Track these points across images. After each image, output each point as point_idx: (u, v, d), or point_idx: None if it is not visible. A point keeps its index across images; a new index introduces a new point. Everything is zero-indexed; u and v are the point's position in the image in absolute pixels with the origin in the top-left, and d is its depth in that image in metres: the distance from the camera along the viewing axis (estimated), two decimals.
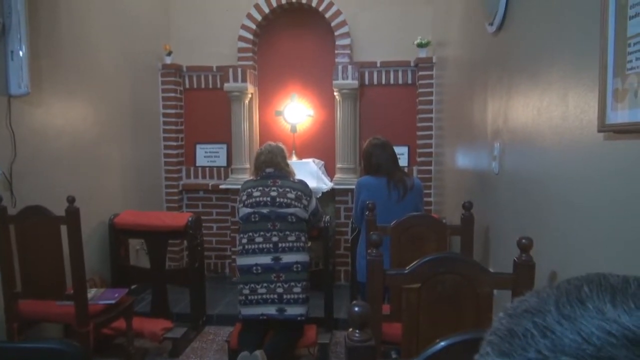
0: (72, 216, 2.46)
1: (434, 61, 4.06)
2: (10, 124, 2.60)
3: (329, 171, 4.38)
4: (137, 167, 4.04)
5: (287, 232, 2.71)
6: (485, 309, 1.42)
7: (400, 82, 4.33)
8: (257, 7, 4.27)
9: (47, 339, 2.67)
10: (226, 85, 4.24)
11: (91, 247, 3.24)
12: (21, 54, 2.55)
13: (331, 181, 4.23)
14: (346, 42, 4.24)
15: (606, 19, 1.07)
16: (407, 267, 1.44)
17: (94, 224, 3.37)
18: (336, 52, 4.26)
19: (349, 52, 4.25)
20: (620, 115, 1.05)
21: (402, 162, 4.02)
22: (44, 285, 2.54)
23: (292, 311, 2.69)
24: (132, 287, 3.45)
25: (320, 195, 3.89)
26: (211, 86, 4.51)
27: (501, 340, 0.34)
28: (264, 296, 2.69)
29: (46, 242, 2.53)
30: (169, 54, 4.37)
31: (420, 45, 4.06)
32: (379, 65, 4.30)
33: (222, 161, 4.57)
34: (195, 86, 4.54)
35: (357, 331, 0.92)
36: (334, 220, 4.13)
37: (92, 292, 2.78)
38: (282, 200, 2.72)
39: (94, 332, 2.59)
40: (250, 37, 4.32)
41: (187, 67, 4.48)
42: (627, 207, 1.07)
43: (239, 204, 2.81)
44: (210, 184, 4.51)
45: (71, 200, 2.49)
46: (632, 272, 0.36)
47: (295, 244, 2.71)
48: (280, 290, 2.68)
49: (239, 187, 2.99)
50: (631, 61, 1.00)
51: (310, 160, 4.26)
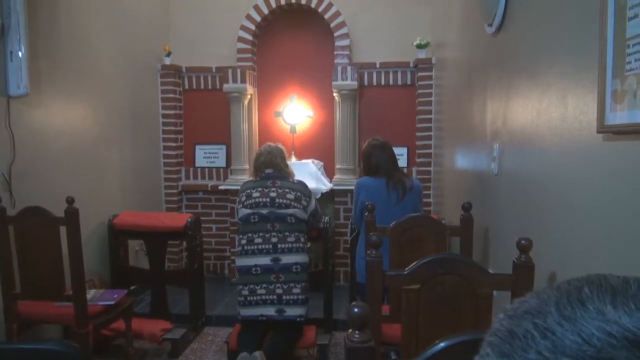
0: (72, 217, 2.46)
1: (433, 62, 4.06)
2: (9, 124, 2.60)
3: (328, 172, 4.38)
4: (137, 168, 4.03)
5: (287, 233, 2.70)
6: (484, 310, 1.42)
7: (399, 83, 4.33)
8: (257, 8, 4.27)
9: (47, 340, 2.67)
10: (225, 86, 4.24)
11: (90, 248, 3.24)
12: (20, 54, 2.55)
13: (330, 182, 4.23)
14: (345, 43, 4.24)
15: (605, 20, 1.08)
16: (406, 268, 1.44)
17: (93, 224, 3.37)
18: (335, 53, 4.27)
19: (348, 53, 4.25)
20: (619, 116, 1.05)
21: (402, 163, 4.02)
22: (43, 286, 2.53)
23: (292, 312, 2.69)
24: (132, 288, 3.45)
25: (319, 196, 3.89)
26: (210, 87, 4.51)
27: (501, 341, 0.34)
28: (263, 297, 2.68)
29: (45, 243, 2.52)
30: (169, 54, 4.37)
31: (419, 46, 4.07)
32: (378, 66, 4.30)
33: (221, 162, 4.57)
34: (194, 87, 4.54)
35: (356, 332, 0.92)
36: (333, 221, 4.13)
37: (91, 293, 2.78)
38: (281, 201, 2.72)
39: (93, 333, 2.58)
40: (249, 38, 4.32)
41: (187, 68, 4.48)
42: (627, 208, 1.07)
43: (238, 205, 2.80)
44: (209, 185, 4.50)
45: (70, 201, 2.49)
46: (632, 273, 0.36)
47: (294, 245, 2.71)
48: (279, 291, 2.68)
49: (239, 188, 2.99)
50: (630, 62, 1.00)
51: (309, 161, 4.26)
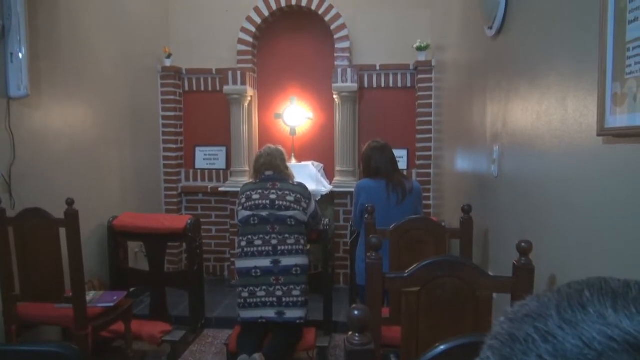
0: (71, 218, 2.46)
1: (433, 64, 4.07)
2: (9, 126, 2.60)
3: (328, 174, 4.38)
4: (136, 170, 4.03)
5: (287, 235, 2.70)
6: (484, 312, 1.42)
7: (399, 85, 4.33)
8: (257, 10, 4.28)
9: (46, 342, 2.66)
10: (226, 88, 4.24)
11: (90, 249, 3.24)
12: (21, 56, 2.55)
13: (330, 184, 4.23)
14: (345, 45, 4.25)
15: (605, 23, 1.08)
16: (406, 271, 1.44)
17: (92, 226, 3.37)
18: (335, 55, 4.27)
19: (348, 55, 4.26)
20: (619, 119, 1.06)
21: (401, 165, 4.02)
22: (42, 287, 2.53)
23: (291, 314, 2.69)
24: (131, 289, 3.44)
25: (319, 198, 3.89)
26: (210, 89, 4.51)
27: (502, 344, 0.34)
28: (263, 299, 2.68)
29: (45, 245, 2.52)
30: (169, 56, 4.37)
31: (419, 48, 4.07)
32: (378, 68, 4.30)
33: (221, 164, 4.57)
34: (194, 89, 4.54)
35: (356, 334, 0.92)
36: (333, 223, 4.13)
37: (90, 295, 2.77)
38: (281, 203, 2.72)
39: (93, 335, 2.57)
40: (249, 40, 4.32)
41: (187, 69, 4.48)
42: (627, 211, 1.07)
43: (238, 207, 2.80)
44: (209, 187, 4.50)
45: (70, 202, 2.49)
46: (633, 276, 0.36)
47: (294, 247, 2.71)
48: (279, 293, 2.68)
49: (238, 189, 3.00)
50: (630, 65, 1.00)
51: (309, 163, 4.26)
